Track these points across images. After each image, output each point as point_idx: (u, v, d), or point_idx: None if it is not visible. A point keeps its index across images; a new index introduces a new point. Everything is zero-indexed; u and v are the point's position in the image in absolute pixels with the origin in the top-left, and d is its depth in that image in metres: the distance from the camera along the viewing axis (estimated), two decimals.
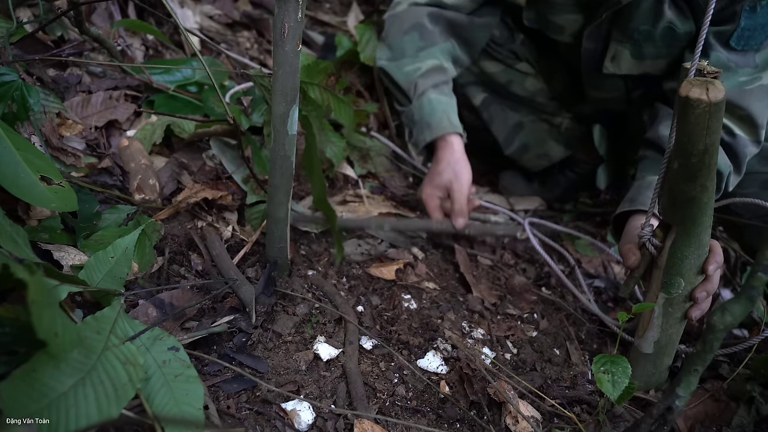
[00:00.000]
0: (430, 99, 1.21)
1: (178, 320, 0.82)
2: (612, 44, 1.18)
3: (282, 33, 0.74)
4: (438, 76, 1.24)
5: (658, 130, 1.11)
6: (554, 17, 1.23)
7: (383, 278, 1.07)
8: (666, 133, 1.08)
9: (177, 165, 1.11)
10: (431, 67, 1.25)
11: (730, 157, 1.04)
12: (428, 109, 1.22)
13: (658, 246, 0.85)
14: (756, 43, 1.00)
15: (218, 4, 1.74)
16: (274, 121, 0.81)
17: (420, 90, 1.23)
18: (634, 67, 1.20)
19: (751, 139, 1.04)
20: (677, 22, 1.08)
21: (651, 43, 1.13)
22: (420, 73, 1.25)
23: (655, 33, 1.10)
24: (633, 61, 1.18)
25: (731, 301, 0.67)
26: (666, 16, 1.07)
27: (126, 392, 0.58)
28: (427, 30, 1.28)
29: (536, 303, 1.15)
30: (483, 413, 0.84)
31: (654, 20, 1.09)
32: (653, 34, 1.11)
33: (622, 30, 1.14)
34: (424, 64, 1.25)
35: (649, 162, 1.11)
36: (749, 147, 1.04)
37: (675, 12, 1.07)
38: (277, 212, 0.89)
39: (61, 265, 0.80)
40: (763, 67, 1.01)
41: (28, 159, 0.77)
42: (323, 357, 0.85)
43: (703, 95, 0.64)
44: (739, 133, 1.03)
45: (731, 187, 1.07)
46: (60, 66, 1.16)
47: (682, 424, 0.91)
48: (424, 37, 1.28)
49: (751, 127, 1.03)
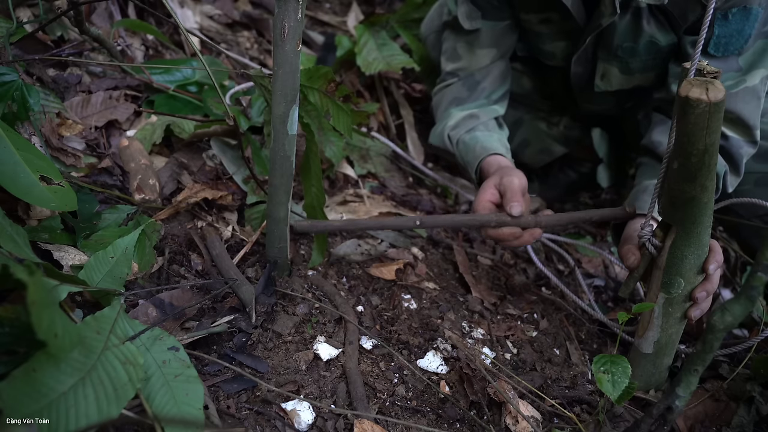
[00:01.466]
0: (465, 141, 1.23)
1: (178, 320, 0.82)
2: (599, 63, 1.21)
3: (282, 33, 0.74)
4: (469, 123, 1.26)
5: (651, 136, 1.13)
6: (543, 46, 1.28)
7: (383, 278, 1.07)
8: (659, 138, 1.10)
9: (177, 165, 1.11)
10: (461, 118, 1.27)
11: (726, 159, 1.05)
12: (464, 150, 1.23)
13: (657, 246, 0.85)
14: (735, 48, 1.01)
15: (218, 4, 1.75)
16: (274, 121, 0.81)
17: (454, 139, 1.25)
18: (624, 82, 1.22)
19: (745, 139, 1.05)
20: (658, 36, 1.09)
21: (636, 58, 1.15)
22: (450, 125, 1.27)
23: (639, 48, 1.13)
24: (622, 77, 1.21)
25: (731, 301, 0.67)
26: (646, 31, 1.09)
27: (126, 392, 0.58)
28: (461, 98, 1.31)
29: (536, 303, 1.15)
30: (483, 413, 0.84)
31: (635, 37, 1.11)
32: (636, 49, 1.13)
33: (607, 49, 1.17)
34: (453, 118, 1.27)
35: (646, 167, 1.13)
36: (744, 147, 1.05)
37: (655, 26, 1.09)
38: (277, 212, 0.89)
39: (61, 265, 0.80)
40: (747, 70, 1.02)
41: (28, 159, 0.77)
42: (323, 357, 0.85)
43: (703, 95, 0.64)
44: (732, 134, 1.04)
45: (730, 187, 1.07)
46: (60, 66, 1.16)
47: (682, 424, 0.91)
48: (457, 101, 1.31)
49: (743, 129, 1.04)
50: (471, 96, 1.29)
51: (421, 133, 1.63)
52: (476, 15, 1.24)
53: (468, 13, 1.25)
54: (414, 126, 1.62)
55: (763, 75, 1.02)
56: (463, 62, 1.30)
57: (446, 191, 1.47)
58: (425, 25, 1.56)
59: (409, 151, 1.54)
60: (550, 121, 1.52)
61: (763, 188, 1.17)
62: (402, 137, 1.58)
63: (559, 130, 1.52)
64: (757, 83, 1.02)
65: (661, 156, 1.09)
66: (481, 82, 1.29)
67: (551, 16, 1.20)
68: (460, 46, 1.29)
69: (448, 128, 1.26)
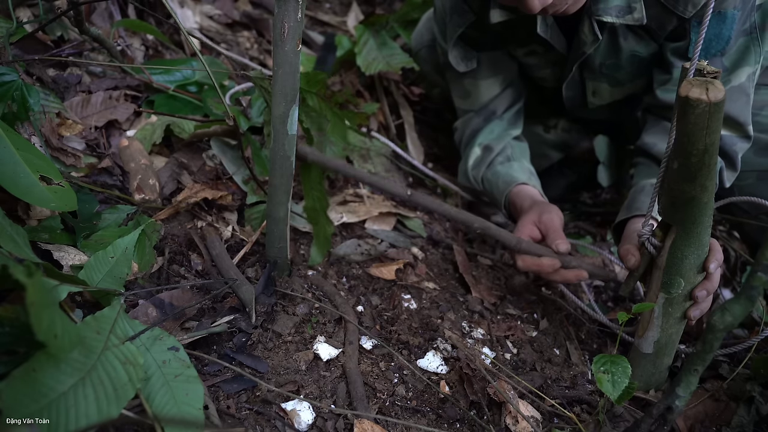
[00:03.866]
0: (487, 179, 1.26)
1: (178, 320, 0.82)
2: (588, 83, 1.24)
3: (282, 33, 0.74)
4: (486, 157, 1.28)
5: (644, 137, 1.15)
6: (534, 73, 1.32)
7: (383, 278, 1.07)
8: (652, 140, 1.13)
9: (177, 165, 1.11)
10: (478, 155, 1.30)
11: (721, 156, 1.06)
12: (489, 188, 1.26)
13: (657, 246, 0.85)
14: (715, 50, 1.02)
15: (218, 4, 1.75)
16: (274, 121, 0.81)
17: (478, 179, 1.29)
18: (616, 94, 1.25)
19: (738, 135, 1.06)
20: (638, 48, 1.11)
21: (621, 71, 1.17)
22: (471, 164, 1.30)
23: (621, 62, 1.14)
24: (613, 89, 1.23)
25: (731, 301, 0.67)
26: (625, 47, 1.11)
27: (126, 392, 0.58)
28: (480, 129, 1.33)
29: (536, 303, 1.15)
30: (483, 413, 0.84)
31: (616, 54, 1.13)
32: (620, 64, 1.15)
33: (591, 70, 1.19)
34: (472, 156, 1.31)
35: (642, 168, 1.14)
36: (738, 144, 1.06)
37: (633, 40, 1.10)
38: (277, 212, 0.89)
39: (61, 265, 0.80)
40: (732, 69, 1.04)
41: (28, 159, 0.77)
42: (323, 357, 0.85)
43: (702, 95, 0.64)
44: (724, 132, 1.05)
45: (727, 182, 1.09)
46: (60, 66, 1.16)
47: (681, 424, 0.91)
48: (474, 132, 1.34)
49: (734, 126, 1.05)
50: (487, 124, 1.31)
51: (421, 133, 1.63)
52: (471, 55, 1.26)
53: (462, 55, 1.26)
54: (414, 126, 1.62)
55: (749, 72, 1.03)
56: (475, 97, 1.32)
57: (446, 191, 1.47)
58: (415, 39, 1.57)
59: (409, 150, 1.54)
60: (547, 125, 1.53)
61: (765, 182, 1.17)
62: (402, 137, 1.58)
63: (556, 133, 1.53)
64: (743, 81, 1.03)
65: (654, 156, 1.10)
66: (496, 111, 1.32)
67: (535, 48, 1.23)
68: (467, 83, 1.32)
69: (470, 168, 1.30)
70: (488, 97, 1.31)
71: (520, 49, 1.26)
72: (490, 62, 1.28)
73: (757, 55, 1.03)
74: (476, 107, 1.32)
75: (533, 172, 1.26)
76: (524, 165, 1.25)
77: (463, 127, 1.36)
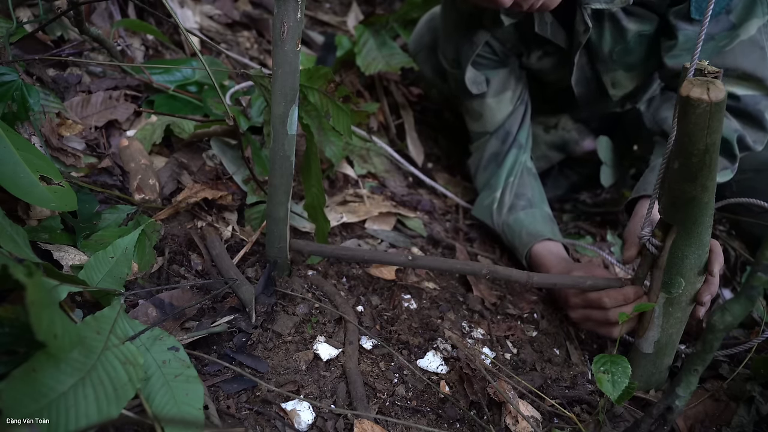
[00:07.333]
0: (509, 224, 1.26)
1: (178, 320, 0.82)
2: (605, 76, 1.23)
3: (281, 33, 0.74)
4: (505, 201, 1.29)
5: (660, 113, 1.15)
6: (549, 77, 1.33)
7: (383, 278, 1.07)
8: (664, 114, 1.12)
9: (177, 165, 1.11)
10: (498, 197, 1.30)
11: (744, 118, 1.03)
12: (510, 234, 1.26)
13: (658, 246, 0.85)
14: (719, 6, 0.99)
15: (218, 4, 1.75)
16: (274, 121, 0.81)
17: (498, 223, 1.29)
18: (636, 79, 1.23)
19: (761, 93, 1.02)
20: (643, 27, 1.10)
21: (632, 54, 1.16)
22: (495, 207, 1.30)
23: (630, 46, 1.13)
24: (631, 74, 1.21)
25: (731, 301, 0.67)
26: (629, 29, 1.10)
27: (126, 392, 0.58)
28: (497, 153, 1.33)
29: (536, 303, 1.15)
30: (483, 413, 0.84)
31: (622, 38, 1.12)
32: (628, 48, 1.14)
33: (603, 61, 1.18)
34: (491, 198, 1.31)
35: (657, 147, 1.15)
36: (762, 102, 1.02)
37: (636, 21, 1.09)
38: (277, 212, 0.89)
39: (61, 265, 0.80)
40: (739, 24, 1.00)
41: (28, 159, 0.77)
42: (323, 357, 0.85)
43: (703, 95, 0.64)
44: (744, 92, 1.01)
45: (759, 146, 1.05)
46: (60, 66, 1.16)
47: (681, 424, 0.91)
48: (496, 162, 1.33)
49: (754, 82, 1.01)
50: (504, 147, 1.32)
51: (421, 133, 1.63)
52: (481, 79, 1.27)
53: (473, 78, 1.27)
54: (414, 126, 1.62)
55: (759, 24, 0.99)
56: (487, 118, 1.32)
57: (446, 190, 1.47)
58: (414, 42, 1.57)
59: (409, 150, 1.54)
60: (548, 124, 1.53)
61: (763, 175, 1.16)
62: (402, 137, 1.58)
63: (556, 133, 1.53)
64: (753, 33, 0.99)
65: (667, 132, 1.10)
66: (510, 130, 1.32)
67: (548, 49, 1.24)
68: (477, 104, 1.32)
69: (494, 211, 1.29)
70: (502, 117, 1.32)
71: (534, 54, 1.26)
72: (499, 80, 1.29)
73: (764, 6, 0.99)
74: (491, 128, 1.33)
75: (552, 218, 1.26)
76: (545, 211, 1.26)
77: (480, 152, 1.36)
